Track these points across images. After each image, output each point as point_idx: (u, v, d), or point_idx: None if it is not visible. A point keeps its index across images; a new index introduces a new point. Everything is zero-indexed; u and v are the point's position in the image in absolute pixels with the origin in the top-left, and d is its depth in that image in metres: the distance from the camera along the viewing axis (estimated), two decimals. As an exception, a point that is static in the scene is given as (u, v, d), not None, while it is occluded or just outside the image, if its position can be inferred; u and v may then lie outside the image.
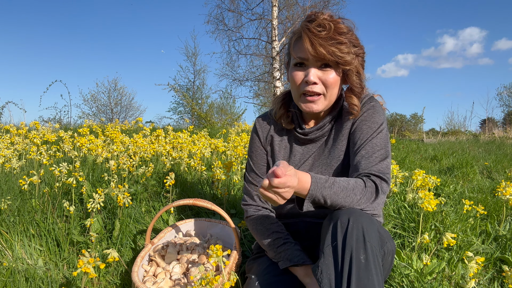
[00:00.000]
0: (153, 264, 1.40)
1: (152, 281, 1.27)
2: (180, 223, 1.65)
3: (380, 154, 1.05)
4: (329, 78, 1.05)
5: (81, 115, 13.39)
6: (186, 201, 1.37)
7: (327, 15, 1.05)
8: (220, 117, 12.87)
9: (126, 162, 2.36)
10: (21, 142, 3.48)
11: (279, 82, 9.26)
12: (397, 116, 24.64)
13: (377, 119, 1.10)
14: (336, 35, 1.01)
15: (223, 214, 1.34)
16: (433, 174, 3.17)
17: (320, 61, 1.04)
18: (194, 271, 1.29)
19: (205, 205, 1.35)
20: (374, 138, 1.07)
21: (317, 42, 1.00)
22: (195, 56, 14.72)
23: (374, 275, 0.83)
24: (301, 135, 1.18)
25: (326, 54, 1.00)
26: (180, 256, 1.43)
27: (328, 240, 0.89)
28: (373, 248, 0.85)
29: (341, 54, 1.01)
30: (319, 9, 9.64)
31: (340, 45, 1.01)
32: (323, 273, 0.86)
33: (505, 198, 1.79)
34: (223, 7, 9.56)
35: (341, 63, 1.03)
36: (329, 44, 1.00)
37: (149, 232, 1.44)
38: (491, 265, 1.50)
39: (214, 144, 3.55)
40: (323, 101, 1.09)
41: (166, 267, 1.36)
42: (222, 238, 1.59)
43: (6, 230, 1.66)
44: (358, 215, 0.89)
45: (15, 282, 1.34)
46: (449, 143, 6.15)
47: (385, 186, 0.99)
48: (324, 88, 1.07)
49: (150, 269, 1.36)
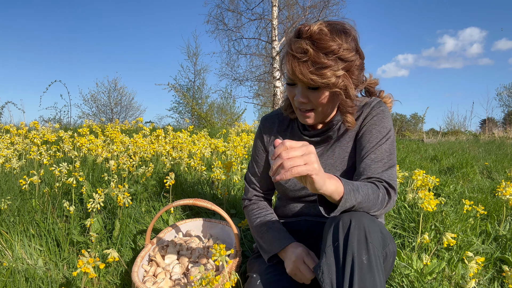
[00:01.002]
0: (153, 264, 1.39)
1: (152, 281, 1.27)
2: (180, 223, 1.65)
3: (389, 160, 1.04)
4: (317, 99, 1.02)
5: (81, 115, 13.39)
6: (186, 201, 1.36)
7: (317, 27, 0.96)
8: (220, 117, 12.87)
9: (126, 162, 2.36)
10: (21, 142, 3.48)
11: (279, 82, 9.26)
12: (397, 116, 24.66)
13: (387, 124, 1.09)
14: (319, 58, 0.94)
15: (223, 214, 1.34)
16: (433, 174, 3.17)
17: (306, 84, 1.00)
18: (194, 271, 1.29)
19: (205, 205, 1.35)
20: (384, 144, 1.06)
21: (298, 70, 0.96)
22: (196, 56, 14.73)
23: (376, 276, 0.82)
24: (306, 136, 1.18)
25: (307, 81, 0.97)
26: (180, 256, 1.43)
27: (330, 240, 0.88)
28: (375, 249, 0.85)
29: (323, 80, 0.96)
30: (319, 9, 9.61)
31: (323, 70, 0.95)
32: (325, 273, 0.86)
33: (505, 198, 1.79)
34: (223, 7, 9.57)
35: (324, 87, 0.99)
36: (310, 71, 0.95)
37: (149, 232, 1.44)
38: (491, 265, 1.50)
39: (214, 144, 3.55)
40: (316, 116, 1.08)
41: (166, 267, 1.35)
42: (222, 238, 1.59)
43: (6, 230, 1.66)
44: (360, 215, 0.89)
45: (15, 282, 1.34)
46: (449, 143, 6.16)
47: (394, 194, 0.99)
48: (314, 105, 1.05)
49: (150, 269, 1.36)
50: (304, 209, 1.21)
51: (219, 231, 1.60)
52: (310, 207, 1.20)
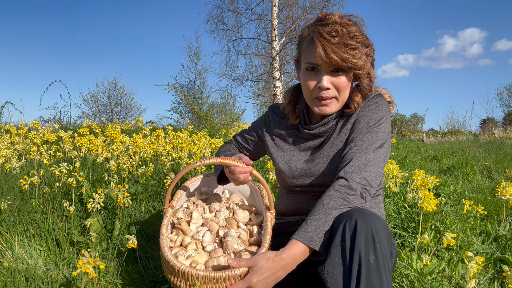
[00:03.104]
0: (179, 232, 1.20)
1: (183, 254, 1.09)
2: (187, 183, 1.41)
3: (370, 147, 1.03)
4: (341, 82, 1.07)
5: (81, 115, 13.37)
6: (213, 159, 1.12)
7: (337, 16, 1.04)
8: (220, 117, 12.86)
9: (126, 162, 2.36)
10: (21, 142, 3.48)
11: (279, 82, 9.27)
12: (397, 116, 24.64)
13: (377, 115, 1.09)
14: (348, 40, 1.00)
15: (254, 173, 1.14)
16: (433, 174, 3.17)
17: (332, 67, 1.05)
18: (230, 241, 1.11)
19: (234, 164, 1.12)
20: (369, 133, 1.06)
21: (330, 49, 1.00)
22: (196, 56, 14.71)
23: (383, 276, 0.82)
24: (306, 129, 1.19)
25: (340, 61, 1.01)
26: (206, 220, 1.24)
27: (337, 240, 0.87)
28: (383, 249, 0.84)
29: (354, 60, 1.01)
30: (319, 9, 9.59)
31: (353, 51, 1.01)
32: (330, 273, 0.85)
33: (505, 198, 1.80)
34: (222, 7, 9.57)
35: (354, 68, 1.04)
36: (343, 51, 1.00)
37: (168, 196, 1.21)
38: (491, 265, 1.50)
39: (214, 144, 3.55)
40: (336, 104, 1.11)
41: (196, 236, 1.18)
42: (241, 193, 1.41)
43: (6, 230, 1.66)
44: (367, 215, 0.88)
45: (15, 282, 1.34)
46: (449, 143, 6.16)
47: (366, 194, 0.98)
48: (336, 92, 1.08)
49: (177, 239, 1.17)
50: (304, 205, 1.21)
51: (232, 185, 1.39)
52: (310, 202, 1.20)
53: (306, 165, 1.18)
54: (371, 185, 0.98)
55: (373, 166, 1.00)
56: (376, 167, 1.01)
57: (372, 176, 0.99)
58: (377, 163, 1.02)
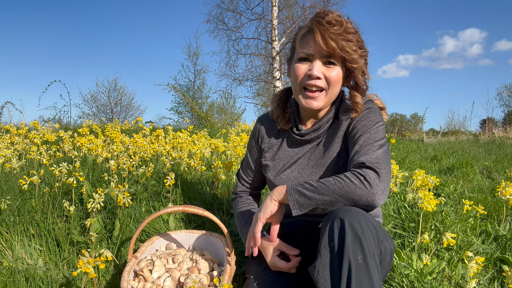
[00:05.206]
0: (141, 279, 1.29)
1: None
2: (154, 238, 1.54)
3: (372, 146, 1.03)
4: (333, 74, 1.07)
5: (81, 115, 13.36)
6: (175, 208, 1.29)
7: (336, 14, 1.06)
8: (220, 117, 12.85)
9: (126, 162, 2.36)
10: (21, 142, 3.48)
11: (279, 82, 9.27)
12: (397, 116, 24.66)
13: (373, 118, 1.10)
14: (345, 33, 1.03)
15: (214, 219, 1.28)
16: (433, 174, 3.17)
17: (326, 57, 1.05)
18: (190, 283, 1.21)
19: (195, 211, 1.28)
20: (367, 133, 1.07)
21: (328, 36, 1.02)
22: (196, 55, 14.70)
23: (373, 275, 0.83)
24: (297, 136, 1.19)
25: (337, 48, 1.02)
26: (169, 269, 1.34)
27: (325, 241, 0.88)
28: (370, 247, 0.85)
29: (350, 51, 1.04)
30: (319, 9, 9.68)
31: (350, 42, 1.04)
32: (320, 273, 0.86)
33: (505, 198, 1.79)
34: (222, 6, 9.56)
35: (348, 60, 1.05)
36: (340, 39, 1.02)
37: (132, 245, 1.34)
38: (491, 265, 1.50)
39: (214, 144, 3.55)
40: (324, 98, 1.10)
41: (157, 281, 1.27)
42: (207, 248, 1.51)
43: (6, 230, 1.66)
44: (353, 214, 0.88)
45: (15, 282, 1.34)
46: (449, 143, 6.16)
47: (372, 174, 0.94)
48: (326, 84, 1.08)
49: (138, 285, 1.26)
50: None
51: (202, 242, 1.53)
52: None
53: (298, 174, 1.19)
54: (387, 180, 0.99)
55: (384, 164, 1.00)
56: (386, 164, 1.01)
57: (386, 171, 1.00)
58: (387, 160, 1.02)
